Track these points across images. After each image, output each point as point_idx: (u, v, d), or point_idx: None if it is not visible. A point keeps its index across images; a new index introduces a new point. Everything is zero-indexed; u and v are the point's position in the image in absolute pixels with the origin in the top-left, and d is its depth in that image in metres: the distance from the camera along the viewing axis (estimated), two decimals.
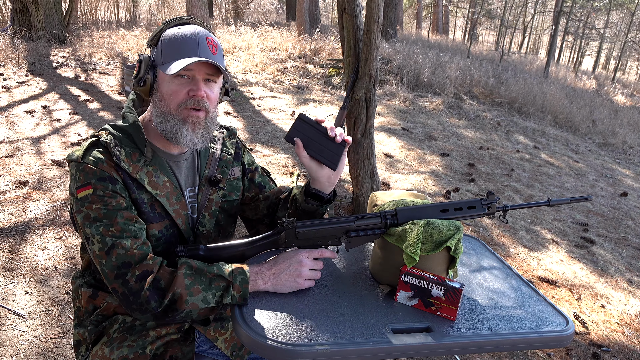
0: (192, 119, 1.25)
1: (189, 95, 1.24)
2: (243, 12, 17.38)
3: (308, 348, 1.02)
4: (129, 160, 1.24)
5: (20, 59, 7.68)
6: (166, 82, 1.24)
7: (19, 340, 2.29)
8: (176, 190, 1.31)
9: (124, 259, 1.15)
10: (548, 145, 7.33)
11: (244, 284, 1.16)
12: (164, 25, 1.29)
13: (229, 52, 9.79)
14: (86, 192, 1.18)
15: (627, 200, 5.57)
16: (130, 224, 1.19)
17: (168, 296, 1.13)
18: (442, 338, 1.10)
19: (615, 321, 3.09)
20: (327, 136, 1.30)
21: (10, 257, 2.89)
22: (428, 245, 1.21)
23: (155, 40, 1.29)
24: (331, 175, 1.33)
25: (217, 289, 1.16)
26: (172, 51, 1.24)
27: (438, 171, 5.33)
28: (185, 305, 1.14)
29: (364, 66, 3.39)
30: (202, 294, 1.15)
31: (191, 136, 1.26)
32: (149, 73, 1.26)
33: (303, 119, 1.30)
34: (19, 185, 3.73)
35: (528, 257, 3.77)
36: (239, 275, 1.17)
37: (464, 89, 9.25)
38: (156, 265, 1.16)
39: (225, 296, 1.16)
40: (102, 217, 1.17)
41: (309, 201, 1.38)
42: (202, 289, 1.15)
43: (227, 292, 1.16)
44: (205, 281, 1.16)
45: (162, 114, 1.26)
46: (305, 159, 1.31)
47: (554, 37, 13.91)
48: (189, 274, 1.16)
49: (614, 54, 26.30)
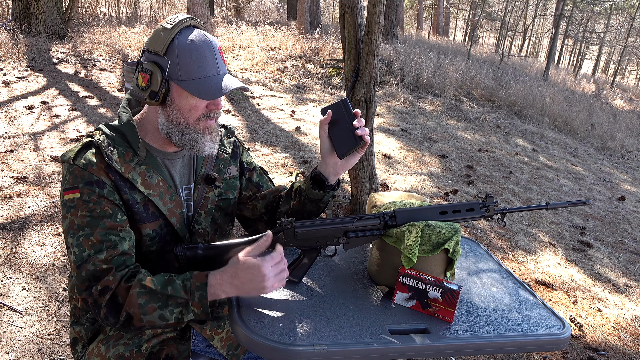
0: (209, 129, 1.28)
1: (208, 109, 1.25)
2: (244, 10, 17.37)
3: (305, 348, 1.03)
4: (122, 160, 1.24)
5: (20, 54, 7.67)
6: (184, 97, 1.22)
7: (16, 336, 2.28)
8: (170, 189, 1.31)
9: (93, 273, 1.16)
10: (547, 148, 7.35)
11: (203, 300, 1.14)
12: (169, 33, 1.21)
13: (229, 51, 9.78)
14: (72, 195, 1.19)
15: (624, 205, 5.58)
16: (112, 234, 1.19)
17: (123, 314, 1.14)
18: (439, 340, 1.11)
19: (612, 325, 3.10)
20: (352, 127, 1.32)
21: (7, 252, 2.88)
22: (426, 247, 1.22)
23: (165, 50, 1.21)
24: (338, 162, 1.35)
25: (174, 306, 1.14)
26: (192, 68, 1.20)
27: (437, 173, 5.34)
28: (142, 323, 1.15)
29: (364, 67, 3.39)
30: (158, 312, 1.14)
31: (211, 145, 1.29)
32: (163, 87, 1.21)
33: (344, 104, 1.34)
34: (17, 181, 3.72)
35: (525, 260, 3.78)
36: (196, 291, 1.14)
37: (463, 90, 9.26)
38: (116, 281, 1.15)
39: (185, 313, 1.15)
40: (84, 225, 1.18)
41: (314, 186, 1.38)
42: (158, 307, 1.14)
43: (187, 309, 1.14)
44: (161, 299, 1.14)
45: (178, 127, 1.24)
46: (323, 135, 1.35)
47: (554, 40, 13.93)
48: (142, 292, 1.14)
49: (614, 58, 26.36)
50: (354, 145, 1.32)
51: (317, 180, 1.38)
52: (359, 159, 1.36)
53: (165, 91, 1.22)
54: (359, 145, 1.32)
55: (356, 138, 1.31)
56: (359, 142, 1.31)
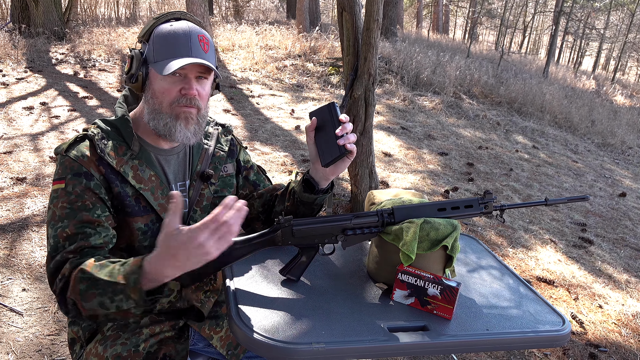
0: (184, 115, 1.26)
1: (181, 94, 1.25)
2: (243, 10, 17.35)
3: (304, 346, 1.02)
4: (115, 153, 1.25)
5: (19, 55, 7.66)
6: (158, 80, 1.25)
7: (15, 337, 2.28)
8: (162, 185, 1.31)
9: (58, 265, 1.14)
10: (547, 145, 7.33)
11: (137, 284, 1.03)
12: (155, 21, 1.29)
13: (229, 50, 9.78)
14: (58, 186, 1.21)
15: (625, 201, 5.57)
16: (88, 227, 1.18)
17: (69, 302, 1.10)
18: (438, 337, 1.10)
19: (613, 321, 3.09)
20: (336, 135, 1.26)
21: (7, 253, 2.88)
22: (425, 244, 1.21)
23: (147, 36, 1.28)
24: (326, 169, 1.32)
25: (113, 293, 1.05)
26: (164, 50, 1.24)
27: (437, 170, 5.33)
28: (88, 312, 1.09)
29: (363, 65, 3.38)
30: (98, 299, 1.06)
31: (184, 131, 1.27)
32: (140, 70, 1.27)
33: (331, 108, 1.28)
34: (16, 182, 3.72)
35: (526, 256, 3.77)
36: (131, 274, 1.05)
37: (463, 88, 9.25)
38: (67, 270, 1.12)
39: (124, 300, 1.05)
40: (63, 216, 1.18)
41: (305, 190, 1.37)
42: (98, 293, 1.06)
43: (126, 295, 1.05)
44: (100, 285, 1.06)
45: (154, 111, 1.27)
46: (310, 140, 1.31)
47: (554, 37, 13.91)
48: (83, 277, 1.08)
49: (614, 54, 26.31)
50: (338, 155, 1.25)
51: (308, 184, 1.37)
52: (347, 165, 1.31)
53: (142, 75, 1.26)
54: (343, 155, 1.25)
55: (339, 147, 1.25)
56: (343, 152, 1.25)
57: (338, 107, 1.29)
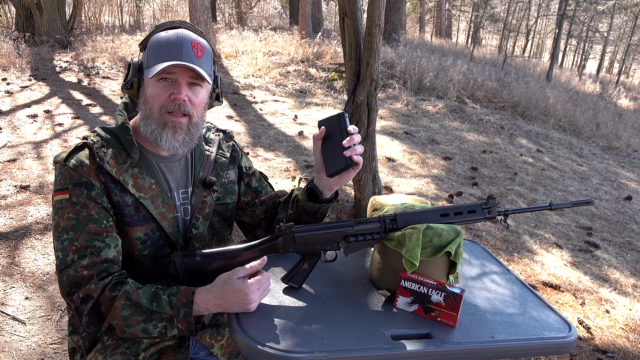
0: (172, 124, 1.25)
1: (171, 99, 1.24)
2: (246, 16, 17.43)
3: (306, 355, 1.01)
4: (114, 161, 1.24)
5: (23, 63, 7.71)
6: (150, 85, 1.25)
7: (18, 345, 2.27)
8: (163, 193, 1.30)
9: (74, 280, 1.16)
10: (551, 148, 7.30)
11: (188, 317, 1.14)
12: (154, 30, 1.30)
13: (232, 56, 9.81)
14: (62, 196, 1.20)
15: (631, 204, 5.53)
16: (97, 240, 1.19)
17: (105, 325, 1.14)
18: (442, 344, 1.09)
19: (620, 326, 3.06)
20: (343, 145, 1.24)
21: (10, 261, 2.88)
22: (428, 250, 1.20)
23: (144, 44, 1.29)
24: (330, 179, 1.30)
25: (158, 321, 1.15)
26: (156, 55, 1.24)
27: (441, 175, 5.31)
28: (124, 334, 1.15)
29: (365, 70, 3.38)
30: (142, 325, 1.14)
31: (171, 141, 1.26)
32: (135, 76, 1.28)
33: (340, 118, 1.28)
34: (20, 190, 3.73)
35: (531, 261, 3.74)
36: (182, 307, 1.14)
37: (466, 92, 9.23)
38: (98, 289, 1.15)
39: (169, 328, 1.15)
40: (69, 228, 1.18)
41: (309, 199, 1.36)
42: (142, 320, 1.14)
43: (171, 324, 1.15)
44: (146, 313, 1.14)
45: (145, 117, 1.27)
46: (317, 149, 1.31)
47: (557, 40, 13.89)
48: (127, 304, 1.14)
49: (618, 57, 26.25)
50: (343, 166, 1.24)
51: (312, 192, 1.36)
52: (352, 176, 1.30)
53: (137, 81, 1.28)
54: (349, 167, 1.24)
55: (346, 158, 1.24)
56: (349, 163, 1.24)
57: (347, 118, 1.28)
